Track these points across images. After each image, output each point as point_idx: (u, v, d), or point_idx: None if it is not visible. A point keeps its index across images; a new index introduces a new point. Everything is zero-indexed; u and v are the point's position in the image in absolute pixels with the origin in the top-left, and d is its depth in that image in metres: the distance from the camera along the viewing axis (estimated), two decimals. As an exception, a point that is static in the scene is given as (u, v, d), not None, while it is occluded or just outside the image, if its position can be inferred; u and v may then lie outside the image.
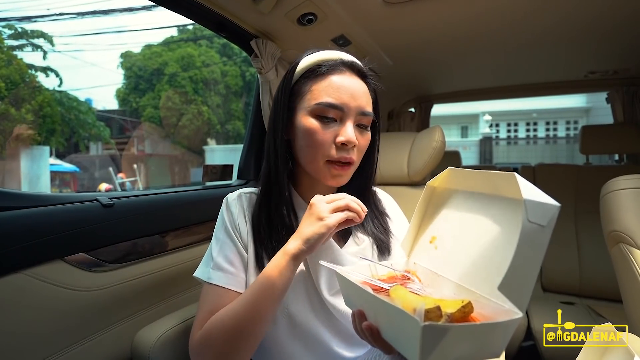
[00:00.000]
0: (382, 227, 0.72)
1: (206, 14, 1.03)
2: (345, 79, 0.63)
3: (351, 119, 0.62)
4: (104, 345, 0.81)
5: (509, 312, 0.37)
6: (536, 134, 14.27)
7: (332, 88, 0.61)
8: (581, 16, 1.21)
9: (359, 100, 0.62)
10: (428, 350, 0.33)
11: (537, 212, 0.36)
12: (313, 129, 0.61)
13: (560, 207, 0.36)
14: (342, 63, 0.64)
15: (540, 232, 0.36)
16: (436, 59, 1.67)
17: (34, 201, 0.72)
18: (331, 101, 0.61)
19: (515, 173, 0.40)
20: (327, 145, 0.61)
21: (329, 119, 0.62)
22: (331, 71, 0.63)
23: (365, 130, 0.66)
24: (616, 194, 0.87)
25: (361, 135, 0.64)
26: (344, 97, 0.61)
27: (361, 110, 0.63)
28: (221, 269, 0.63)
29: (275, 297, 0.56)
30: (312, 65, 0.65)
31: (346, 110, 0.61)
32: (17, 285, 0.66)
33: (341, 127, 0.62)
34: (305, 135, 0.63)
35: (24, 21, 9.64)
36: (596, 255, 1.73)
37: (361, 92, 0.63)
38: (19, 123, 7.55)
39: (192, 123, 11.88)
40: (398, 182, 1.25)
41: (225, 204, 0.70)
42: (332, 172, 0.63)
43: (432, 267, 0.51)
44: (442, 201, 0.56)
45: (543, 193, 0.38)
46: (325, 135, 0.61)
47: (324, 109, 0.61)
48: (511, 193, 0.42)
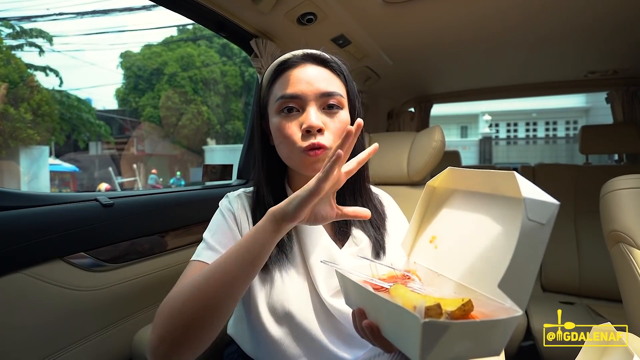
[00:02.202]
0: (381, 227, 0.72)
1: (206, 14, 1.03)
2: (300, 70, 0.63)
3: (312, 104, 0.62)
4: (103, 345, 0.81)
5: (509, 310, 0.37)
6: (536, 134, 14.28)
7: (287, 82, 0.63)
8: (582, 18, 1.21)
9: (318, 84, 0.62)
10: (428, 347, 0.34)
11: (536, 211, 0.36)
12: (279, 124, 0.62)
13: (560, 206, 0.37)
14: (296, 58, 0.65)
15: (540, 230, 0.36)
16: (436, 59, 1.67)
17: (34, 201, 0.72)
18: (286, 92, 0.62)
19: (514, 172, 0.40)
20: (295, 136, 0.61)
21: (292, 109, 0.62)
22: (286, 68, 0.64)
23: (336, 110, 0.63)
24: (616, 193, 0.87)
25: (330, 118, 0.63)
26: (299, 85, 0.62)
27: (320, 92, 0.62)
28: (212, 248, 0.61)
29: (252, 265, 0.49)
30: (271, 70, 0.67)
31: (303, 97, 0.61)
32: (16, 285, 0.66)
33: (303, 114, 0.62)
34: (276, 134, 0.63)
35: (24, 21, 9.64)
36: (596, 255, 1.73)
37: (319, 76, 0.63)
38: (17, 122, 7.55)
39: (192, 123, 11.89)
40: (398, 181, 1.25)
41: (225, 200, 0.70)
42: (308, 160, 0.61)
43: (432, 266, 0.51)
44: (442, 201, 0.56)
45: (542, 191, 0.38)
46: (291, 128, 0.61)
47: (282, 102, 0.62)
48: (511, 192, 0.42)
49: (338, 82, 0.65)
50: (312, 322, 0.63)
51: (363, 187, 0.72)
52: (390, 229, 0.74)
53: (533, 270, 0.37)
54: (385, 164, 1.26)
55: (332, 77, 0.65)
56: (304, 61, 0.64)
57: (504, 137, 14.10)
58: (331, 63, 0.66)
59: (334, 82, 0.65)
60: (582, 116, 13.14)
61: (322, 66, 0.65)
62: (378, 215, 0.74)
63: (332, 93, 0.62)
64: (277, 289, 0.63)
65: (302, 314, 0.63)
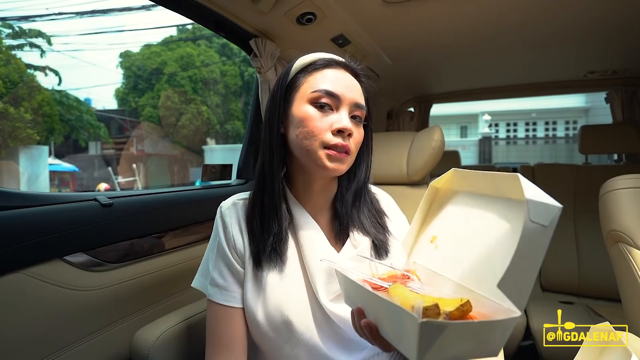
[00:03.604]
0: (380, 227, 0.72)
1: (205, 14, 1.03)
2: (340, 73, 0.65)
3: (346, 108, 0.63)
4: (102, 345, 0.81)
5: (507, 310, 0.37)
6: (535, 134, 14.28)
7: (328, 79, 0.64)
8: (582, 18, 1.21)
9: (353, 93, 0.64)
10: (426, 347, 0.34)
11: (539, 212, 0.36)
12: (310, 115, 0.62)
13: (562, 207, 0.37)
14: (335, 61, 0.67)
15: (542, 233, 0.36)
16: (435, 59, 1.67)
17: (33, 200, 0.72)
18: (328, 88, 0.62)
19: (518, 174, 0.40)
20: (324, 132, 0.61)
21: (326, 106, 0.62)
22: (326, 66, 0.65)
23: (360, 123, 0.66)
24: (615, 193, 0.87)
25: (356, 128, 0.65)
26: (339, 87, 0.63)
27: (355, 101, 0.64)
28: (217, 285, 0.65)
29: None
30: (308, 62, 0.66)
31: (342, 98, 0.63)
32: (15, 285, 0.66)
33: (337, 115, 0.63)
34: (302, 123, 0.62)
35: (23, 21, 9.62)
36: (595, 254, 1.74)
37: (355, 86, 0.66)
38: (17, 122, 7.55)
39: (192, 123, 11.87)
40: (397, 181, 1.25)
41: (219, 214, 0.69)
42: (331, 156, 0.62)
43: (432, 266, 0.51)
44: (444, 202, 0.56)
45: (545, 194, 0.38)
46: (322, 122, 0.62)
47: (320, 95, 0.62)
48: (514, 194, 0.42)
49: (364, 97, 0.68)
50: (312, 329, 0.63)
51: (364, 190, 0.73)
52: (392, 228, 0.74)
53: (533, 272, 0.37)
54: (385, 163, 1.26)
55: (361, 92, 0.68)
56: (342, 67, 0.67)
57: (503, 137, 14.09)
58: (363, 79, 0.70)
59: (362, 96, 0.68)
60: (582, 116, 13.15)
61: (355, 78, 0.68)
62: (378, 214, 0.74)
63: (362, 106, 0.66)
64: (274, 296, 0.62)
65: (302, 320, 0.62)
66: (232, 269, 0.66)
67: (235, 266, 0.66)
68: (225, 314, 0.64)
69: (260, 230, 0.65)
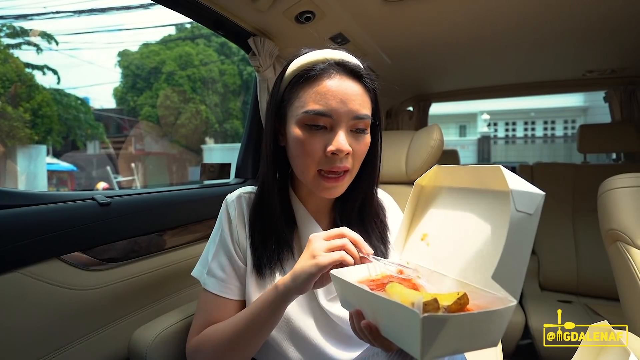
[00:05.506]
0: (381, 239, 0.71)
1: (204, 12, 1.03)
2: (335, 82, 0.58)
3: (342, 125, 0.58)
4: (100, 344, 0.81)
5: (503, 300, 0.38)
6: (534, 133, 14.29)
7: (320, 94, 0.58)
8: (580, 17, 1.21)
9: (351, 104, 0.58)
10: (429, 341, 0.34)
11: (524, 201, 0.38)
12: (301, 139, 0.58)
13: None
14: (331, 65, 0.60)
15: (528, 221, 0.38)
16: (435, 58, 1.67)
17: (31, 200, 0.72)
18: (318, 109, 0.57)
19: (500, 166, 0.41)
20: (317, 156, 0.58)
21: (319, 127, 0.58)
22: (320, 76, 0.59)
23: (363, 134, 0.61)
24: (613, 192, 0.87)
25: (357, 141, 0.60)
26: (333, 103, 0.57)
27: (354, 114, 0.58)
28: (214, 275, 0.65)
29: (262, 330, 0.57)
30: (300, 70, 0.61)
31: (335, 117, 0.57)
32: (13, 284, 0.66)
33: (331, 135, 0.58)
34: (295, 146, 0.60)
35: (21, 19, 9.59)
36: (594, 253, 1.74)
37: (354, 94, 0.59)
38: (15, 121, 7.52)
39: (190, 122, 11.85)
40: (396, 180, 1.25)
41: (224, 206, 0.69)
42: (325, 185, 0.60)
43: (425, 263, 0.52)
44: (431, 198, 0.57)
45: (528, 183, 0.39)
46: (315, 145, 0.58)
47: (311, 117, 0.57)
48: (497, 185, 0.43)
49: (368, 101, 0.62)
50: (311, 327, 0.63)
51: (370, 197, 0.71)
52: (394, 234, 0.73)
53: (524, 260, 0.39)
54: (384, 162, 1.24)
55: (365, 96, 0.61)
56: (339, 72, 0.59)
57: (502, 136, 14.12)
58: (365, 78, 0.62)
59: (366, 101, 0.61)
60: (580, 115, 13.16)
61: (357, 81, 0.61)
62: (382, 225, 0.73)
63: (363, 116, 0.59)
64: None
65: (301, 318, 0.63)
66: (233, 262, 0.65)
67: (236, 259, 0.65)
68: (217, 302, 0.64)
69: (262, 229, 0.65)
